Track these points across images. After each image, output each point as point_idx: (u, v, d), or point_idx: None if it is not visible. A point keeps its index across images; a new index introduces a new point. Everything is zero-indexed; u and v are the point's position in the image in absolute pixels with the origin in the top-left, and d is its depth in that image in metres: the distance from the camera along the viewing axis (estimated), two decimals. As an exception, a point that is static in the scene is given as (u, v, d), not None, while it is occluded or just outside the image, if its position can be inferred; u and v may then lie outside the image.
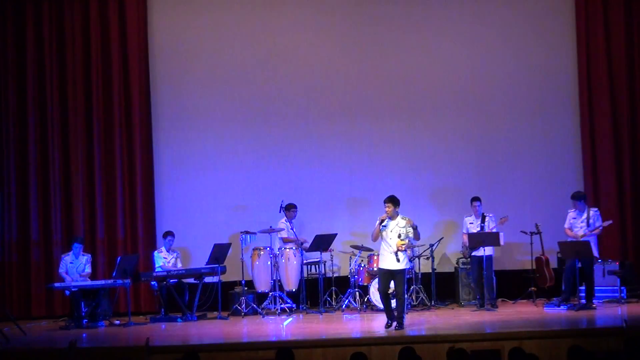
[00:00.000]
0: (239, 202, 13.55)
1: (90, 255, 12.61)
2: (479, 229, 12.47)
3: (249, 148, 13.60)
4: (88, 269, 12.45)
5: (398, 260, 10.19)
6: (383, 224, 10.31)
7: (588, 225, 12.11)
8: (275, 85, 13.67)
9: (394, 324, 10.28)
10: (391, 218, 10.32)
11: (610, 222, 12.22)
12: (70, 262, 12.34)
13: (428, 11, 13.72)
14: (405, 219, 10.34)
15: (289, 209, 12.92)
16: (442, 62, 13.71)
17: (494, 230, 12.35)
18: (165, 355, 9.13)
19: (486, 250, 12.22)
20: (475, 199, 12.63)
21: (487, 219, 12.52)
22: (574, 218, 12.26)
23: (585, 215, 12.17)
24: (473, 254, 12.32)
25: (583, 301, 11.73)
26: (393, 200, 10.35)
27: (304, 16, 13.75)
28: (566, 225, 12.31)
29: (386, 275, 10.36)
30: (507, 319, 11.00)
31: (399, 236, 10.20)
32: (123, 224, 13.35)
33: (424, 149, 13.66)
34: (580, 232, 12.08)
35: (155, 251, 12.81)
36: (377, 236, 10.41)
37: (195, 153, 13.60)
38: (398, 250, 10.16)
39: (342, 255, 12.96)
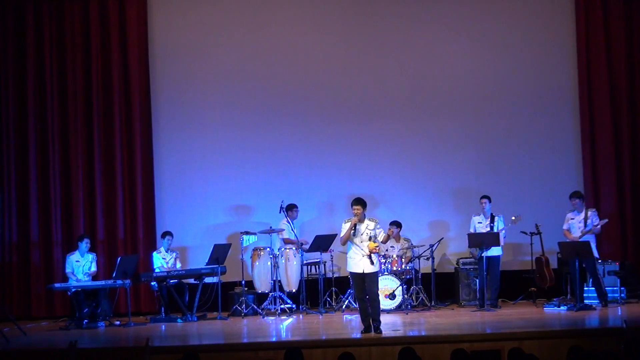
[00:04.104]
0: (239, 202, 13.56)
1: (95, 254, 12.62)
2: (488, 229, 12.40)
3: (249, 148, 13.60)
4: (94, 268, 12.46)
5: (372, 262, 10.02)
6: (354, 228, 10.03)
7: (586, 225, 12.10)
8: (275, 85, 13.67)
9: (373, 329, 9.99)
10: (360, 221, 10.09)
11: (606, 220, 12.19)
12: (77, 261, 12.34)
13: (428, 11, 13.72)
14: (373, 221, 10.17)
15: (291, 209, 12.92)
16: (442, 62, 13.70)
17: (503, 231, 12.33)
18: (165, 355, 9.11)
19: (494, 251, 12.19)
20: (484, 197, 12.58)
21: (496, 219, 12.47)
22: (572, 219, 12.25)
23: (582, 216, 12.16)
24: (484, 254, 12.14)
25: (585, 302, 11.71)
26: (362, 202, 10.10)
27: (305, 16, 13.75)
28: (564, 227, 12.30)
29: (359, 280, 10.14)
30: (507, 319, 11.00)
31: (370, 239, 10.04)
32: (123, 224, 13.35)
33: (423, 149, 13.66)
34: (578, 234, 12.07)
35: (154, 252, 12.81)
36: (347, 240, 10.13)
37: (195, 153, 13.61)
38: (372, 252, 10.02)
39: (342, 255, 12.91)
